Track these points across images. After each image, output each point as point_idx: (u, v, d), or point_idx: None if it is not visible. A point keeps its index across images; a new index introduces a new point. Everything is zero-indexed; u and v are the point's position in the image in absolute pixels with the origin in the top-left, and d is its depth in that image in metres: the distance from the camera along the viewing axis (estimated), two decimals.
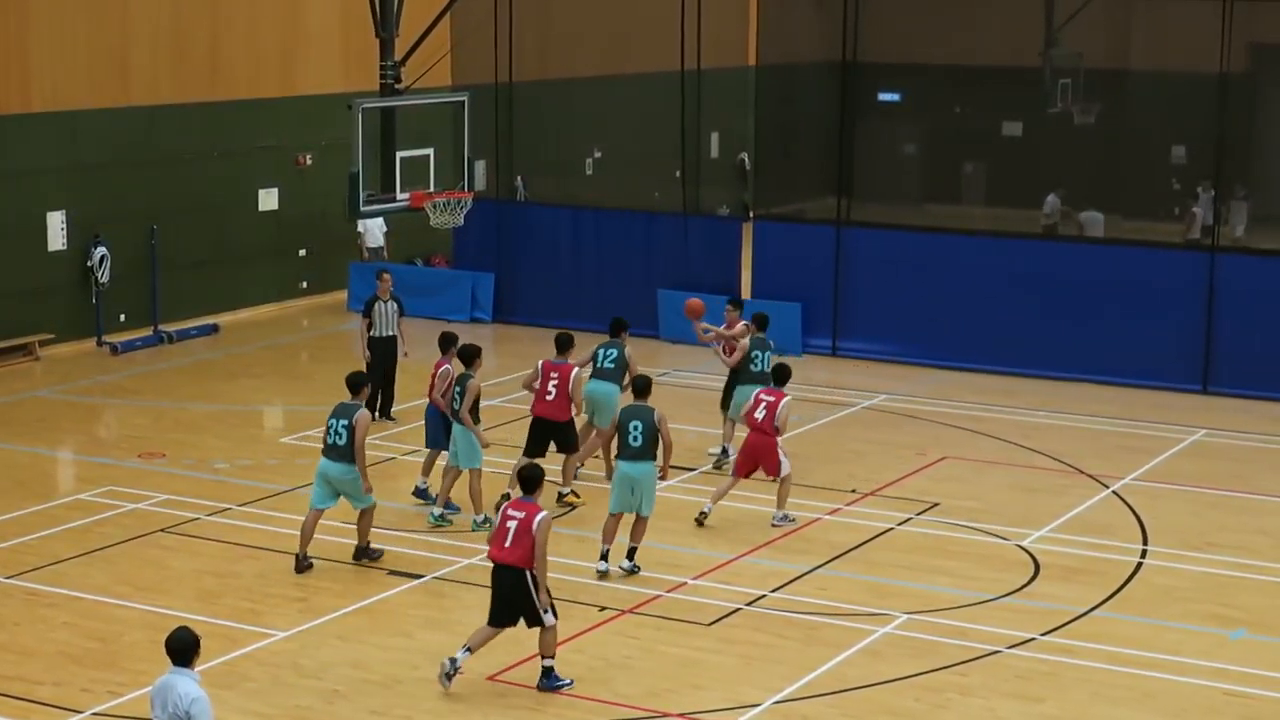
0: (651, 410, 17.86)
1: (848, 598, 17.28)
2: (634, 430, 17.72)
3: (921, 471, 21.87)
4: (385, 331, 23.94)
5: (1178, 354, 26.44)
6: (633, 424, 17.77)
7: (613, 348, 21.16)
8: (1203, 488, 21.44)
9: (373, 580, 17.62)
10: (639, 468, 17.81)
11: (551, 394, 20.12)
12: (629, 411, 17.98)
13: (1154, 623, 16.74)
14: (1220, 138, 27.85)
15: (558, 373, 20.20)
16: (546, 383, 20.18)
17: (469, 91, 27.57)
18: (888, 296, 28.35)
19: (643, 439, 17.71)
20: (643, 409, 17.91)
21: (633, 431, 17.71)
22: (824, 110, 31.32)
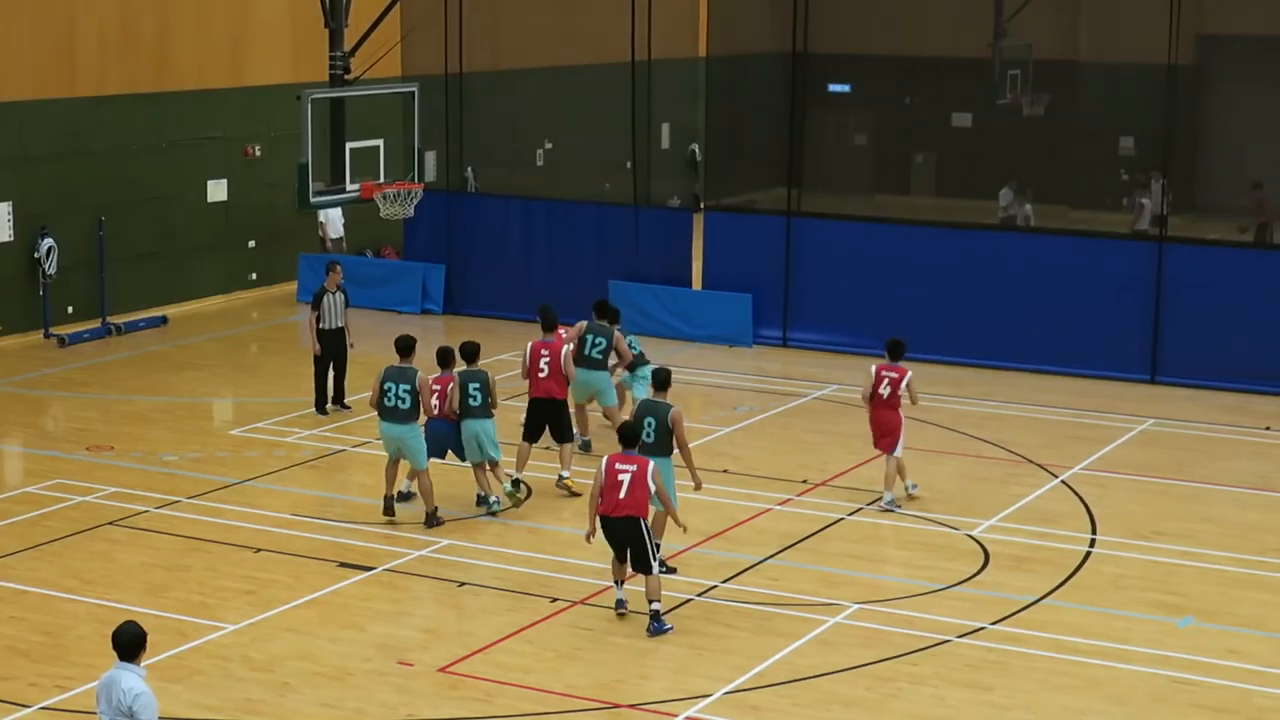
0: (668, 408, 17.61)
1: (798, 588, 17.33)
2: (648, 426, 17.55)
3: (872, 462, 21.92)
4: (334, 323, 24.08)
5: (1126, 344, 26.58)
6: (647, 420, 17.58)
7: (601, 335, 21.66)
8: (1150, 477, 21.58)
9: (323, 572, 17.60)
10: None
11: (544, 372, 20.46)
12: (645, 406, 17.80)
13: (1102, 611, 16.85)
14: (1168, 129, 28.02)
15: (548, 349, 20.53)
16: (538, 362, 20.49)
17: (418, 82, 27.48)
18: (838, 287, 28.41)
19: (655, 435, 17.52)
20: (659, 405, 17.67)
21: (646, 428, 17.56)
22: (774, 101, 31.36)
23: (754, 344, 28.68)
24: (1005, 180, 33.82)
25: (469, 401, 19.51)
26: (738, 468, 21.47)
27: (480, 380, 19.59)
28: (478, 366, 19.79)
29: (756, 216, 30.14)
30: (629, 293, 28.98)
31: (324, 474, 21.27)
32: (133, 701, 10.88)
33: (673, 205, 37.14)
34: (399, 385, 19.16)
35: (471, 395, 19.51)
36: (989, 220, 31.78)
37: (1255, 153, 35.61)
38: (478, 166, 34.69)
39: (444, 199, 31.33)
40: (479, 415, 19.55)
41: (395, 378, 19.23)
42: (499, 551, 18.34)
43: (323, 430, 23.13)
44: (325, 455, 22.03)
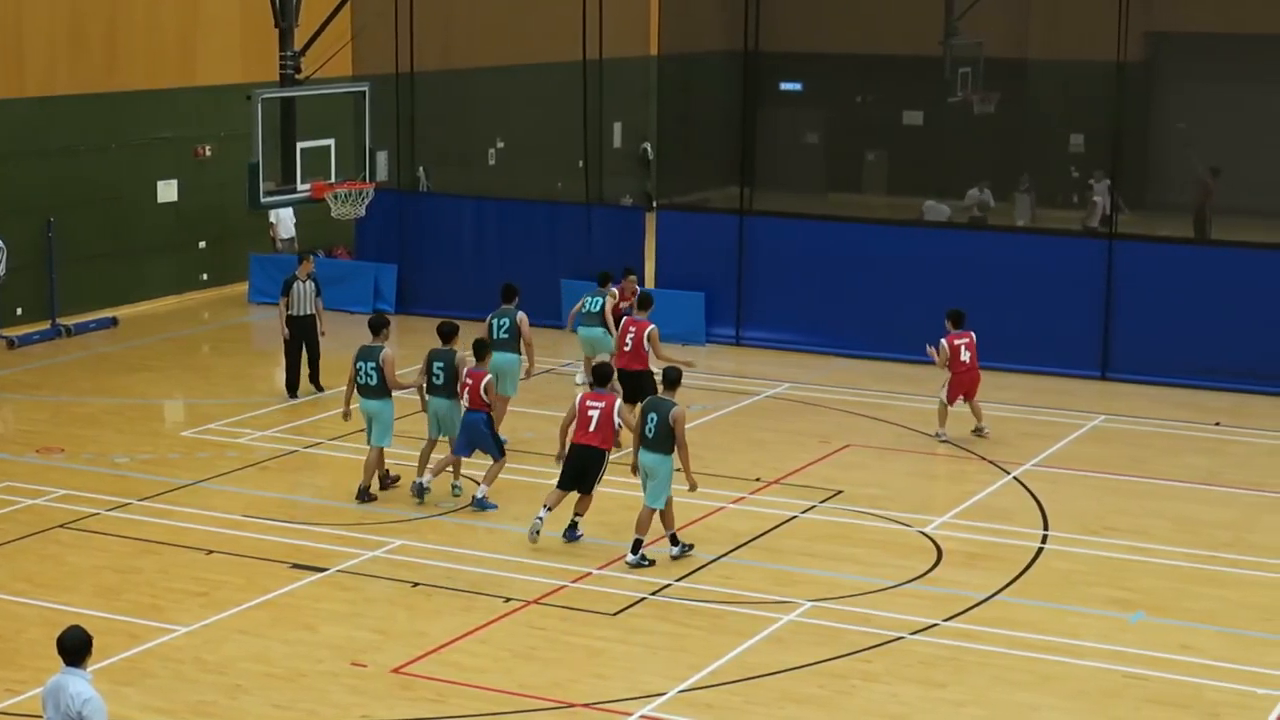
0: (671, 405, 17.85)
1: (752, 586, 17.34)
2: (650, 422, 17.84)
3: (825, 459, 21.97)
4: (303, 310, 24.74)
5: (1077, 341, 26.69)
6: (650, 415, 17.88)
7: (505, 316, 22.21)
8: (1102, 473, 21.66)
9: (276, 574, 17.52)
10: (651, 458, 17.91)
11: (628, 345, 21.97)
12: (651, 403, 18.06)
13: (1054, 607, 16.90)
14: (1117, 126, 28.14)
15: (635, 328, 21.93)
16: (625, 337, 22.01)
17: (370, 81, 27.41)
18: (791, 285, 28.44)
19: (656, 432, 17.77)
20: (664, 403, 17.92)
21: (649, 423, 17.84)
22: (726, 100, 31.38)
23: (707, 342, 28.70)
24: (956, 178, 33.89)
25: (433, 380, 20.00)
26: (693, 466, 21.39)
27: (445, 360, 20.00)
28: (452, 347, 20.13)
29: (709, 215, 30.16)
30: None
31: (277, 475, 21.18)
32: (81, 707, 10.78)
33: (625, 204, 37.11)
34: (367, 363, 19.95)
35: (435, 374, 19.98)
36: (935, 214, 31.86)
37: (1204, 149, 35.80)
38: (430, 166, 34.61)
39: (396, 198, 31.24)
40: (441, 394, 19.95)
41: (363, 356, 20.05)
42: (452, 551, 18.30)
43: (275, 431, 23.04)
44: (278, 456, 21.94)
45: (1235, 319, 25.83)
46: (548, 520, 18.39)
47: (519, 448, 22.05)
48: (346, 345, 27.01)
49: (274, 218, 32.42)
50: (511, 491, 20.43)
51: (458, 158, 36.81)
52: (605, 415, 18.14)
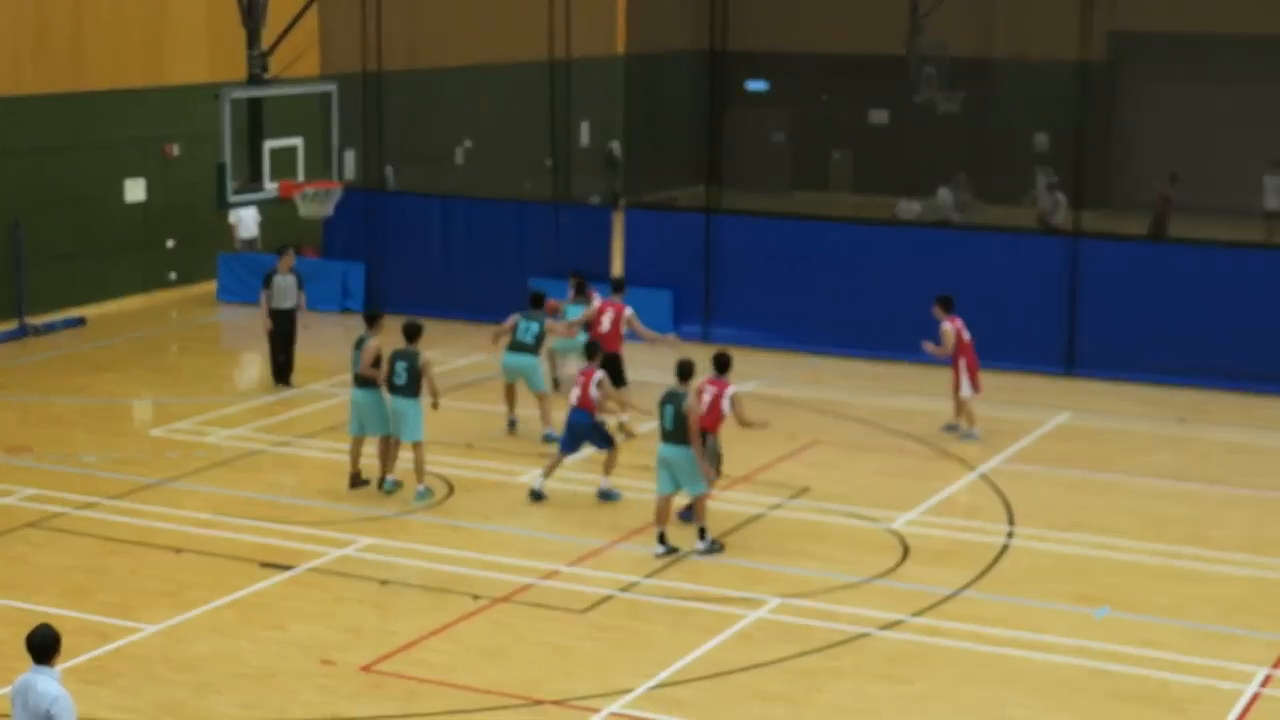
0: (684, 396, 18.12)
1: (720, 583, 17.33)
2: (666, 414, 18.09)
3: (792, 456, 21.99)
4: (284, 304, 25.10)
5: (1042, 338, 26.75)
6: (665, 408, 18.14)
7: (534, 320, 22.66)
8: (1067, 469, 21.71)
9: (245, 573, 17.45)
10: (671, 450, 18.09)
11: (605, 327, 22.74)
12: (668, 395, 18.27)
13: (1021, 602, 16.93)
14: (1080, 125, 28.20)
15: (612, 310, 22.80)
16: (600, 320, 22.76)
17: (337, 81, 27.33)
18: (758, 283, 28.45)
19: (673, 423, 18.02)
20: (679, 394, 18.16)
21: (665, 415, 18.09)
22: (692, 99, 31.43)
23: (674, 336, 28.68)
24: (922, 177, 33.96)
25: (394, 379, 19.92)
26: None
27: (409, 360, 19.93)
28: (416, 348, 20.07)
29: (676, 214, 30.17)
30: (549, 290, 28.88)
31: (245, 474, 21.11)
32: (50, 705, 10.71)
33: (592, 203, 37.07)
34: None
35: (397, 373, 19.93)
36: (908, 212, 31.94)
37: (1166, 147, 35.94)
38: (397, 165, 34.54)
39: (363, 198, 31.15)
40: (401, 394, 19.91)
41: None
42: (421, 549, 18.26)
43: (244, 430, 22.96)
44: (246, 455, 21.87)
45: (1198, 316, 25.92)
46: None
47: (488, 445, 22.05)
48: (320, 345, 27.01)
49: (234, 218, 32.25)
50: (479, 491, 20.40)
51: (425, 157, 36.73)
52: (715, 403, 18.49)
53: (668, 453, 18.16)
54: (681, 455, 18.07)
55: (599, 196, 40.00)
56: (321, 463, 21.60)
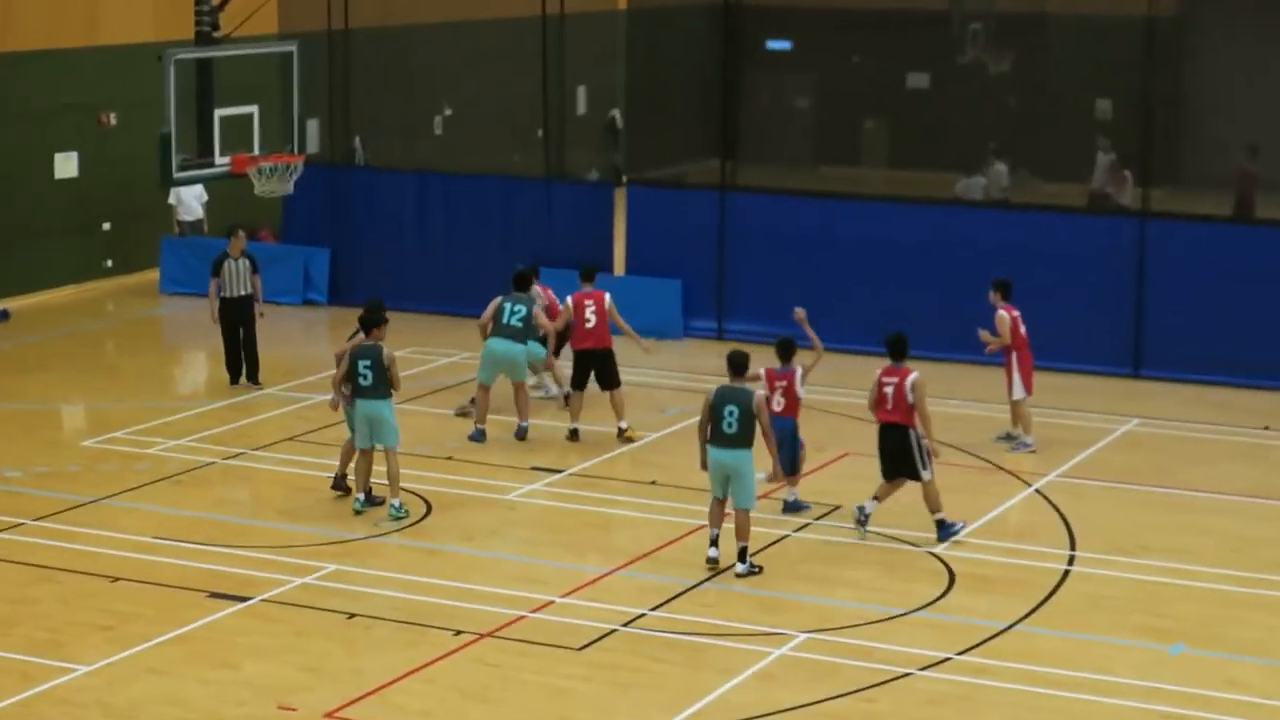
0: (750, 393, 18.29)
1: (737, 615, 17.29)
2: (729, 415, 18.19)
3: (820, 470, 21.93)
4: (237, 291, 25.19)
5: (1105, 333, 26.70)
6: (728, 408, 18.22)
7: (520, 304, 22.81)
8: (1135, 484, 21.66)
9: (191, 604, 17.41)
10: (735, 455, 18.22)
11: (591, 322, 22.78)
12: (725, 393, 18.35)
13: (1081, 637, 16.88)
14: (1148, 89, 28.12)
15: (593, 300, 22.83)
16: (583, 313, 22.79)
17: (298, 40, 27.27)
18: (779, 271, 28.39)
19: (739, 425, 18.16)
20: (740, 391, 18.32)
21: (727, 417, 18.19)
22: (704, 61, 31.30)
23: (684, 336, 28.64)
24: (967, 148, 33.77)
25: (359, 381, 19.80)
26: (667, 478, 21.43)
27: (372, 357, 19.79)
28: (378, 342, 19.95)
29: (686, 191, 30.13)
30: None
31: (192, 490, 21.09)
32: None
33: (590, 179, 37.00)
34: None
35: (361, 374, 19.79)
36: (948, 194, 31.81)
37: (1245, 115, 35.82)
38: (367, 136, 34.48)
39: (328, 173, 31.12)
40: (369, 396, 19.81)
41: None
42: (393, 577, 18.22)
43: (191, 439, 22.94)
44: (194, 469, 21.85)
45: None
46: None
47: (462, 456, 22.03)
48: (278, 341, 26.94)
49: (174, 198, 32.23)
50: (460, 510, 20.36)
51: (399, 127, 36.69)
52: (900, 392, 19.18)
53: (728, 458, 18.27)
54: (746, 460, 18.24)
55: (598, 172, 39.94)
56: (280, 478, 21.57)
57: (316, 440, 22.81)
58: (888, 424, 19.37)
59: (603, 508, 20.47)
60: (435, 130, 38.72)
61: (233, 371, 25.42)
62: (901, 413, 19.25)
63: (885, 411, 19.35)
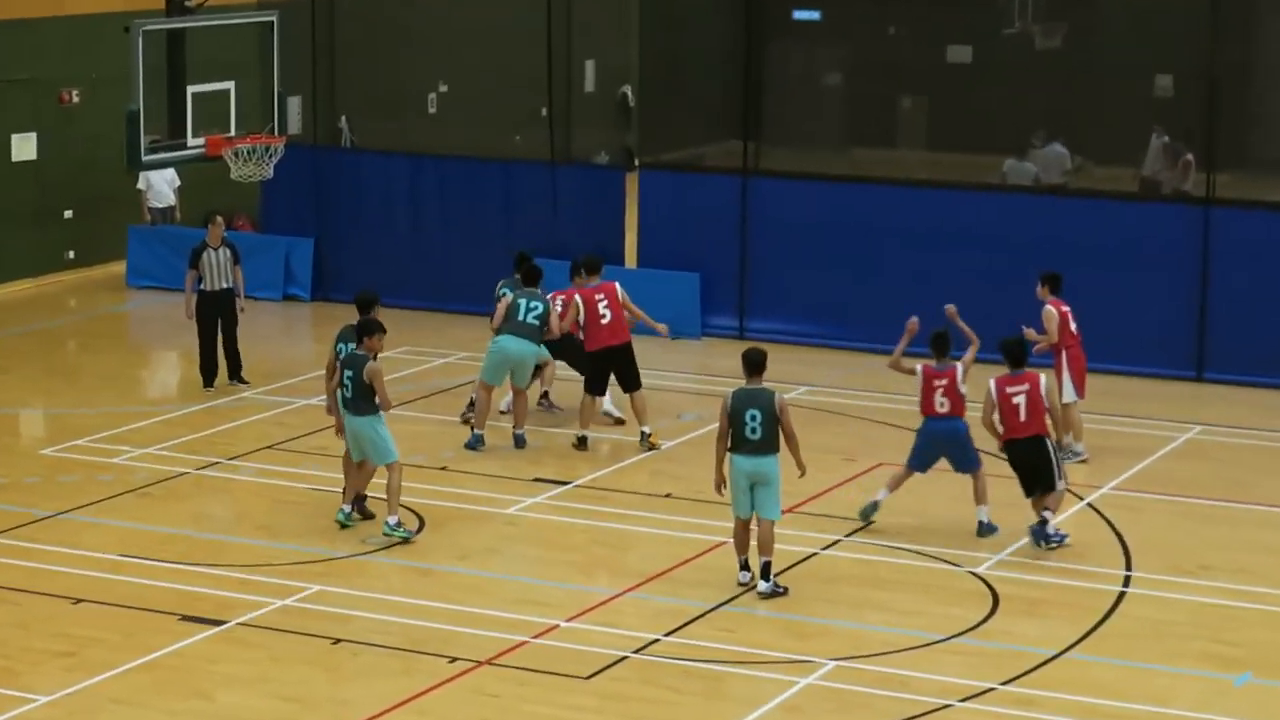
0: (771, 394, 18.32)
1: (760, 641, 17.30)
2: (751, 420, 18.19)
3: (850, 481, 21.94)
4: (218, 284, 25.19)
5: (1165, 332, 26.67)
6: (749, 412, 18.23)
7: (537, 300, 22.92)
8: (1197, 497, 21.64)
9: (161, 628, 17.43)
10: (761, 463, 18.23)
11: (606, 317, 22.89)
12: (743, 396, 18.36)
13: (1138, 666, 16.87)
14: (1212, 65, 28.07)
15: (604, 294, 22.88)
16: (596, 309, 22.83)
17: (278, 10, 27.32)
18: (806, 263, 28.40)
19: (763, 430, 18.18)
20: (760, 393, 18.34)
21: (750, 422, 18.19)
22: (726, 32, 31.31)
23: (702, 335, 28.63)
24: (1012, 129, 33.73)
25: (343, 392, 19.70)
26: (683, 491, 21.44)
27: (355, 367, 19.63)
28: (368, 351, 19.77)
29: (704, 176, 30.13)
30: (545, 272, 28.83)
31: (162, 504, 21.12)
32: None
33: (600, 162, 37.05)
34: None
35: (344, 384, 19.70)
36: (992, 179, 31.79)
37: None
38: (353, 115, 34.53)
39: (311, 156, 31.16)
40: (351, 410, 19.66)
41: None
42: (382, 599, 18.24)
43: (160, 448, 22.97)
44: (164, 480, 21.88)
45: None
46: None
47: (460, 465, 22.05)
48: (257, 340, 26.94)
49: (143, 183, 32.25)
50: (455, 525, 20.37)
51: (389, 105, 36.72)
52: (1034, 399, 19.45)
53: (755, 466, 18.25)
54: (772, 466, 18.25)
55: (608, 155, 39.97)
56: (258, 489, 21.60)
57: (298, 449, 22.85)
58: (1023, 439, 19.54)
59: (612, 523, 20.45)
60: (429, 109, 38.74)
61: (207, 373, 25.40)
62: (1038, 422, 19.46)
63: (1018, 425, 19.53)
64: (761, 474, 18.26)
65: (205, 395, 25.17)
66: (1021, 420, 19.45)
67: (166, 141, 25.74)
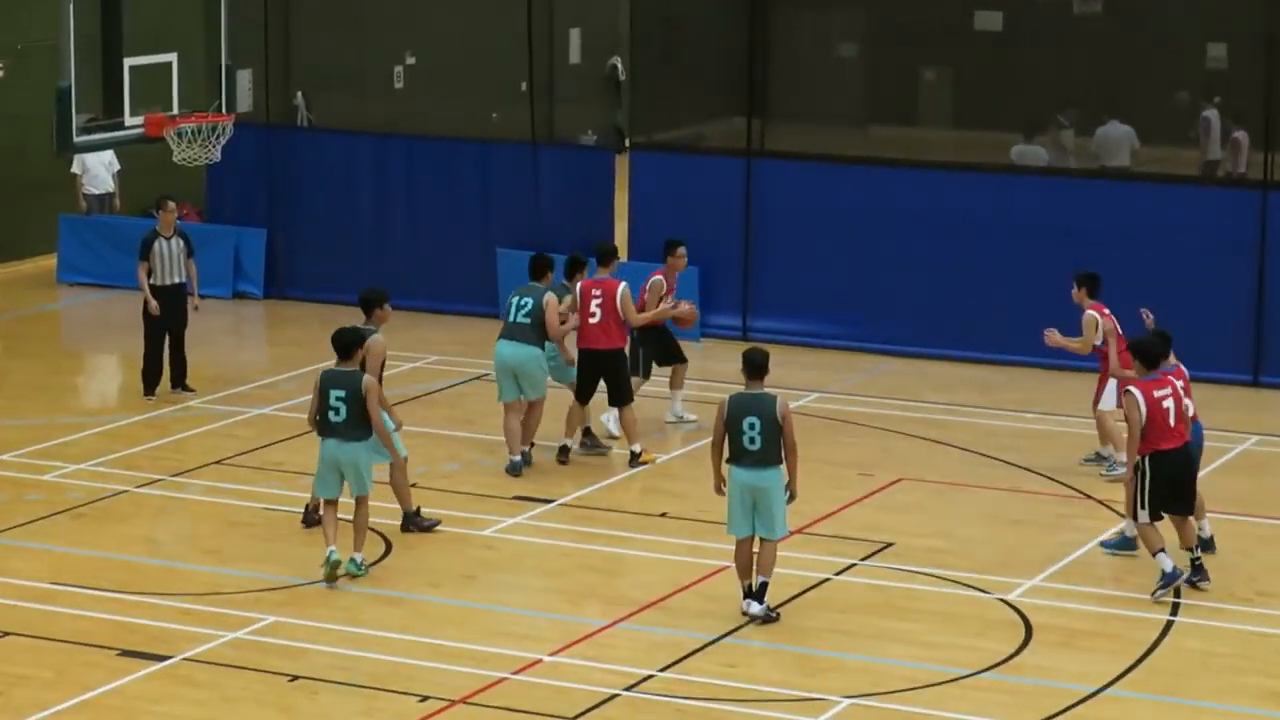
0: (773, 400, 18.29)
1: (766, 677, 17.36)
2: (750, 429, 18.20)
3: (867, 499, 22.00)
4: (170, 278, 25.29)
5: (1217, 332, 26.68)
6: (748, 420, 18.23)
7: (528, 296, 22.63)
8: (1253, 516, 21.70)
9: (98, 664, 17.46)
10: (762, 476, 18.23)
11: (595, 316, 22.82)
12: (741, 402, 18.39)
13: (1186, 703, 16.92)
14: (1271, 32, 28.14)
15: (601, 290, 22.78)
16: (589, 304, 22.86)
17: None
18: (818, 256, 28.44)
19: (762, 439, 18.18)
20: (760, 399, 18.34)
21: (748, 431, 18.20)
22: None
23: (701, 337, 28.67)
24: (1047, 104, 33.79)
25: (329, 415, 19.30)
26: (680, 510, 21.50)
27: (348, 387, 19.29)
28: (353, 366, 19.37)
29: (703, 158, 30.15)
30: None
31: (98, 525, 21.14)
32: None
33: (586, 143, 37.13)
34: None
35: (333, 406, 19.31)
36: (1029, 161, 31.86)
37: None
38: (311, 91, 34.58)
39: (264, 136, 31.18)
40: (342, 436, 19.30)
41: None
42: (345, 631, 18.28)
43: (96, 464, 22.98)
44: (100, 499, 21.89)
45: None
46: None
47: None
48: (205, 343, 26.96)
49: (79, 166, 32.23)
50: (425, 548, 20.41)
51: (350, 79, 36.75)
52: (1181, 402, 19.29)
53: (755, 480, 18.29)
54: (774, 479, 18.27)
55: (595, 134, 40.04)
56: (206, 509, 21.63)
57: (250, 464, 22.88)
58: (1182, 448, 19.20)
59: (602, 545, 20.50)
60: (395, 83, 38.78)
61: (149, 380, 25.38)
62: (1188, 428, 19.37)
63: (1180, 432, 19.20)
64: (762, 488, 18.33)
65: (146, 405, 25.17)
66: (1178, 426, 19.13)
67: (101, 121, 25.76)
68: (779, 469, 18.31)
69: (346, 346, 19.44)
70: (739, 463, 18.35)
